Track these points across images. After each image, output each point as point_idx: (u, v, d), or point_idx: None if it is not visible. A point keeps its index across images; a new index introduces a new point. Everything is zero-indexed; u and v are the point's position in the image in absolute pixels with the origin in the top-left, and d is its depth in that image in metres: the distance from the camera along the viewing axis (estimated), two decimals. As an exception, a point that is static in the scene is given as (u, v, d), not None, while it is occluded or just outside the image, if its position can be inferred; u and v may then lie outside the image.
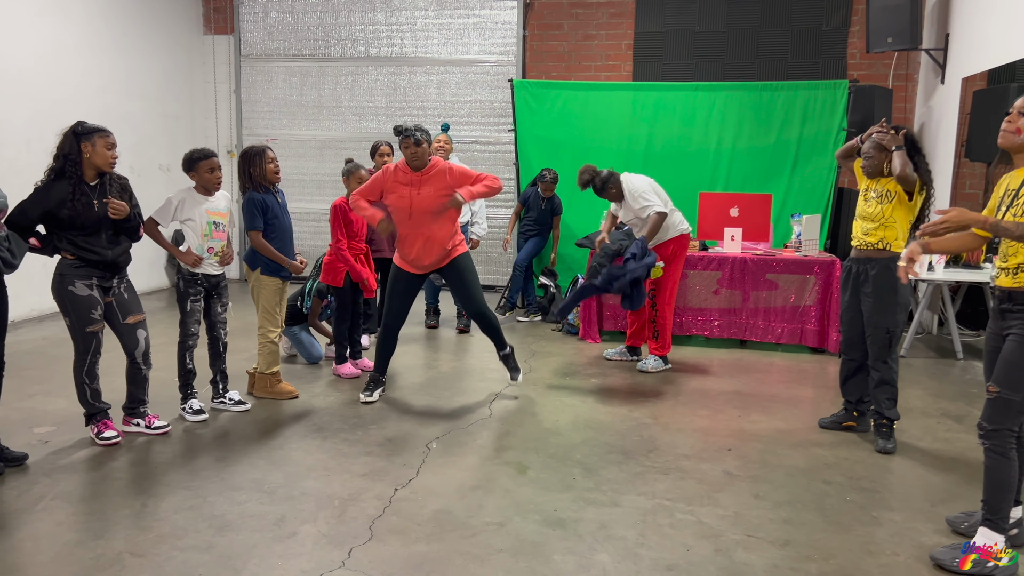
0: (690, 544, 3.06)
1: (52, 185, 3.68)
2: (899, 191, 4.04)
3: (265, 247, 4.62)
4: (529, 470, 3.78)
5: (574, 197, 7.89)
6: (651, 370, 5.67)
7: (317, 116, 9.58)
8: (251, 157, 4.65)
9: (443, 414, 4.62)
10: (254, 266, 4.72)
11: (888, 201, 4.09)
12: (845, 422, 4.45)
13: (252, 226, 4.63)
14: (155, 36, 8.85)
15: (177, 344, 4.42)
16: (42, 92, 7.25)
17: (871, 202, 4.15)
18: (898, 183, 3.98)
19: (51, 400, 4.75)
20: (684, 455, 4.01)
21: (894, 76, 8.23)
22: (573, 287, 7.04)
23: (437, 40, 9.19)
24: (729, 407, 4.86)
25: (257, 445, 4.06)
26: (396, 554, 2.94)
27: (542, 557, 2.94)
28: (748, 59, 8.51)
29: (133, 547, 2.96)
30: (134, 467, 3.75)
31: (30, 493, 3.42)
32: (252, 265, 4.73)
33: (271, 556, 2.91)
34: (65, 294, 3.77)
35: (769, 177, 7.58)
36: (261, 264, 4.70)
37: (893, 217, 4.08)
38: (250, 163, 4.64)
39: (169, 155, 8.98)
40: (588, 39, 8.83)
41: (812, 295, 6.32)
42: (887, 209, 4.09)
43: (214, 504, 3.34)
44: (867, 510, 3.40)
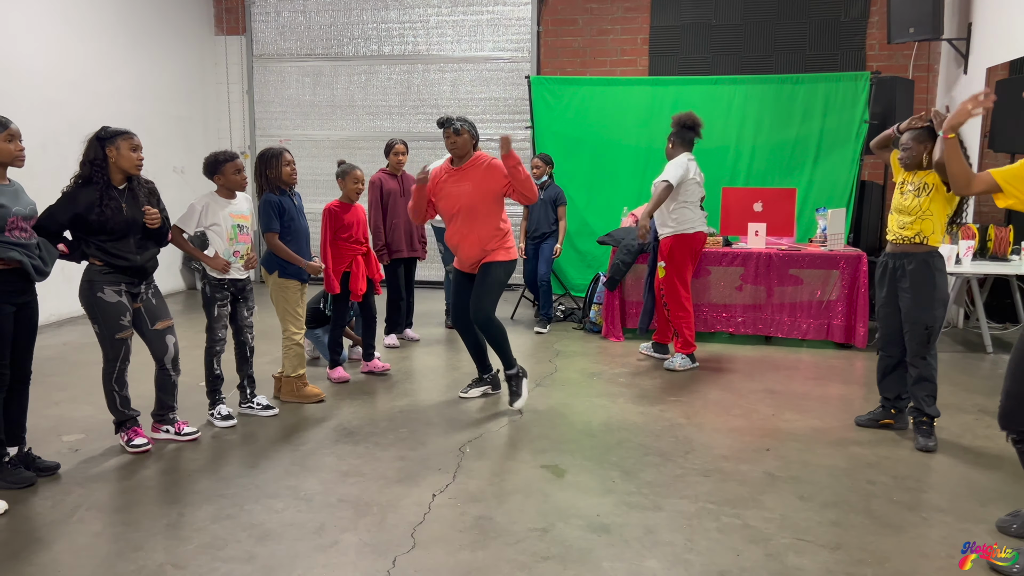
0: (740, 549, 3.00)
1: (79, 190, 3.63)
2: (938, 183, 3.96)
3: (281, 249, 4.57)
4: (567, 473, 3.72)
5: (594, 193, 7.84)
6: (678, 368, 5.61)
7: (330, 116, 9.52)
8: (268, 159, 4.60)
9: (472, 417, 4.57)
10: (271, 269, 4.68)
11: (926, 194, 4.01)
12: (883, 420, 4.38)
13: (268, 228, 4.58)
14: (167, 38, 8.80)
15: (204, 350, 4.37)
16: (56, 96, 7.21)
17: (908, 195, 4.08)
18: (937, 172, 3.90)
19: (77, 407, 4.70)
20: (722, 456, 3.95)
21: (914, 67, 8.13)
22: (595, 285, 6.97)
23: (450, 37, 9.12)
24: (762, 406, 4.79)
25: (289, 451, 4.01)
26: (442, 563, 2.89)
27: (591, 564, 2.88)
28: (765, 52, 8.43)
29: (174, 558, 2.91)
30: (166, 475, 3.71)
31: (64, 503, 3.38)
32: (269, 268, 4.68)
33: (315, 566, 2.86)
34: (94, 301, 3.72)
35: (790, 171, 7.50)
36: (279, 267, 4.66)
37: (931, 210, 4.01)
38: (267, 165, 4.60)
39: (183, 157, 8.93)
40: (603, 34, 8.75)
41: (837, 290, 6.25)
42: (924, 202, 4.01)
43: (251, 512, 3.29)
44: (916, 511, 3.34)
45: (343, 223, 5.11)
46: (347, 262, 5.16)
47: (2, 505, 3.27)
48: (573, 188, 7.88)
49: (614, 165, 7.75)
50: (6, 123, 3.32)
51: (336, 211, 5.12)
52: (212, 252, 4.27)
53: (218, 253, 4.27)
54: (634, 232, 6.59)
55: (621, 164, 7.74)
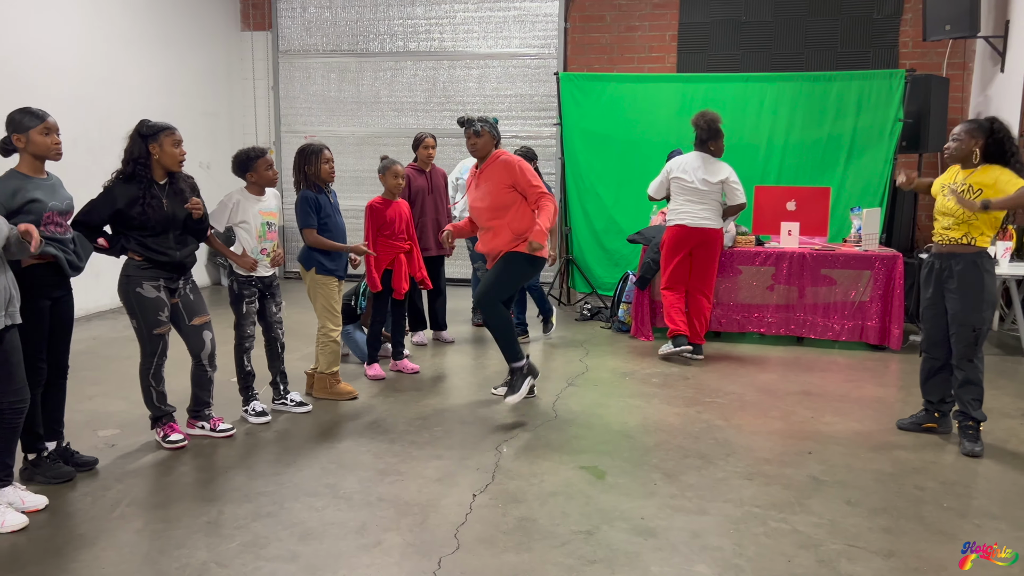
0: (790, 555, 2.94)
1: (121, 186, 3.62)
2: (986, 187, 3.86)
3: (321, 241, 4.54)
4: (607, 475, 3.67)
5: (623, 191, 7.77)
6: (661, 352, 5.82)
7: (356, 112, 9.50)
8: (308, 155, 4.57)
9: (506, 416, 4.52)
10: (309, 266, 4.64)
11: (974, 198, 3.91)
12: (926, 423, 4.30)
13: (306, 224, 4.55)
14: (194, 33, 8.81)
15: (233, 347, 4.34)
16: (86, 90, 7.22)
17: (950, 197, 3.99)
18: None
19: (111, 401, 4.70)
20: (764, 459, 3.88)
21: (948, 65, 8.01)
22: (623, 283, 6.91)
23: (477, 34, 9.07)
24: (800, 408, 4.72)
25: (325, 448, 3.98)
26: (487, 564, 2.85)
27: (639, 568, 2.83)
28: (796, 49, 8.32)
29: (217, 557, 2.89)
30: (203, 472, 3.68)
31: (104, 499, 3.36)
32: (307, 265, 4.64)
33: (360, 566, 2.82)
34: (133, 296, 3.70)
35: (823, 170, 7.39)
36: (316, 263, 4.62)
37: (977, 215, 3.91)
38: (306, 161, 4.57)
39: (208, 153, 8.93)
40: (631, 30, 8.68)
41: (870, 290, 6.15)
42: None
43: (292, 511, 3.26)
44: (968, 518, 3.26)
45: (385, 219, 5.08)
46: (389, 259, 5.12)
47: (42, 500, 3.26)
48: (601, 186, 7.82)
49: (643, 163, 7.66)
50: (43, 116, 3.30)
51: (378, 207, 5.09)
52: (240, 249, 4.24)
53: (246, 250, 4.24)
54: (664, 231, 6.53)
55: (650, 162, 7.63)
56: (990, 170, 3.90)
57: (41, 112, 3.31)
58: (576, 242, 7.97)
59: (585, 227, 7.92)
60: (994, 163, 3.91)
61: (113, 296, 7.42)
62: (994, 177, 3.85)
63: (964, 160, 4.00)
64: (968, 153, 3.95)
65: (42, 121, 3.29)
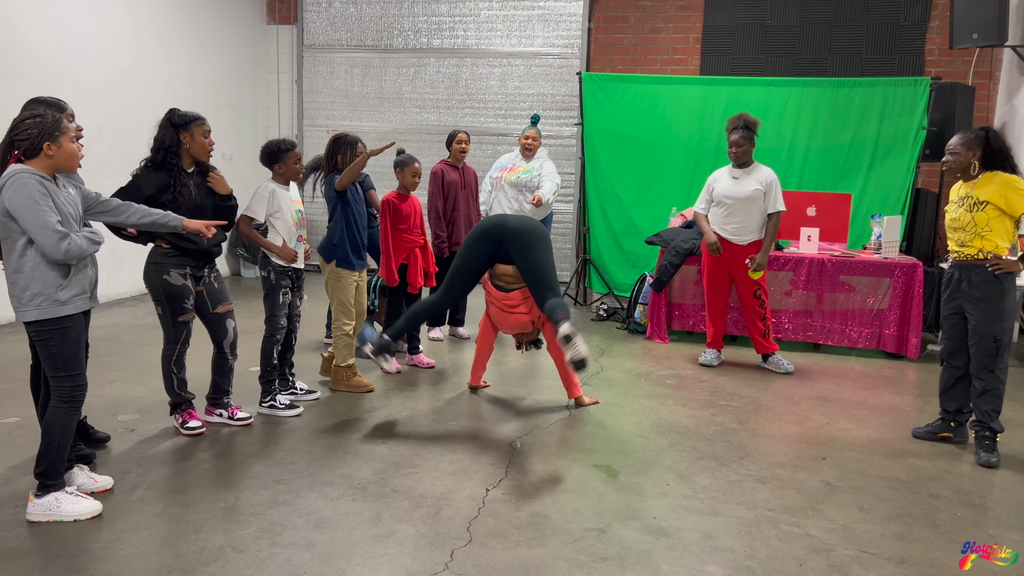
0: (802, 558, 2.94)
1: (150, 174, 3.67)
2: (996, 200, 3.85)
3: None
4: (620, 474, 3.68)
5: (642, 193, 7.76)
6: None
7: (378, 107, 9.54)
8: (343, 145, 4.60)
9: (521, 412, 4.54)
10: (329, 258, 4.67)
11: (980, 210, 3.91)
12: (941, 433, 4.28)
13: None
14: (220, 26, 8.89)
15: (263, 339, 4.37)
16: (112, 81, 7.31)
17: (959, 210, 3.99)
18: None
19: (131, 387, 4.76)
20: (778, 463, 3.88)
21: (975, 73, 7.94)
22: (640, 285, 6.91)
23: (500, 32, 9.09)
24: (815, 413, 4.71)
25: (341, 439, 4.02)
26: (499, 558, 2.87)
27: (650, 567, 2.84)
28: (821, 54, 8.28)
29: (233, 542, 2.93)
30: (221, 458, 3.73)
31: (124, 482, 3.41)
32: (328, 257, 4.68)
33: (373, 555, 2.86)
34: (159, 283, 3.75)
35: (844, 176, 7.35)
36: (337, 256, 4.65)
37: (990, 227, 3.90)
38: (339, 150, 4.60)
39: (231, 144, 9.00)
40: (655, 32, 8.67)
41: (889, 298, 6.12)
42: (981, 218, 3.91)
43: (307, 499, 3.30)
44: (982, 528, 3.25)
45: (401, 214, 5.11)
46: (405, 254, 5.16)
47: (108, 480, 3.36)
48: (621, 187, 7.82)
49: (664, 165, 7.66)
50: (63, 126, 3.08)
51: (394, 202, 5.12)
52: (280, 241, 4.27)
53: (285, 241, 4.27)
54: (684, 234, 6.52)
55: (671, 164, 7.65)
56: (991, 178, 3.93)
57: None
58: (594, 242, 7.97)
59: (604, 227, 7.92)
60: (993, 168, 3.94)
61: (134, 283, 7.54)
62: (997, 185, 3.89)
63: (964, 172, 4.02)
64: (967, 165, 3.97)
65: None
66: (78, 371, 3.10)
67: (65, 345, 3.03)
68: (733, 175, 5.53)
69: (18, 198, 2.86)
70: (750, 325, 5.72)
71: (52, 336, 3.01)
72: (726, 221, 5.54)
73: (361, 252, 4.76)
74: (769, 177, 5.46)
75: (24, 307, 2.98)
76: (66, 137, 2.98)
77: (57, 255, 2.93)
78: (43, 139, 2.93)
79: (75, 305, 3.05)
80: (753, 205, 5.44)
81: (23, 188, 2.87)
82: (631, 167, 7.77)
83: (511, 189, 6.41)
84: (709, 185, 5.68)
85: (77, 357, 3.09)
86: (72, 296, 3.04)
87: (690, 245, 6.36)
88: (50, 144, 2.94)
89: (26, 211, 2.87)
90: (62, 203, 2.98)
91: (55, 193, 2.96)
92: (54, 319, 2.99)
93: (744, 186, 5.44)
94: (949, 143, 4.05)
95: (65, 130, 2.98)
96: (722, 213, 5.56)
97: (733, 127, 5.45)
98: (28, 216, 2.88)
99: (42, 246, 2.92)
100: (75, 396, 3.10)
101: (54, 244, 2.91)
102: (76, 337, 3.07)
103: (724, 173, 5.61)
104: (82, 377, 3.12)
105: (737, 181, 5.48)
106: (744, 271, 5.53)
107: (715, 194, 5.58)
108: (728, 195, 5.49)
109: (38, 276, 2.96)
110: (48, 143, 2.93)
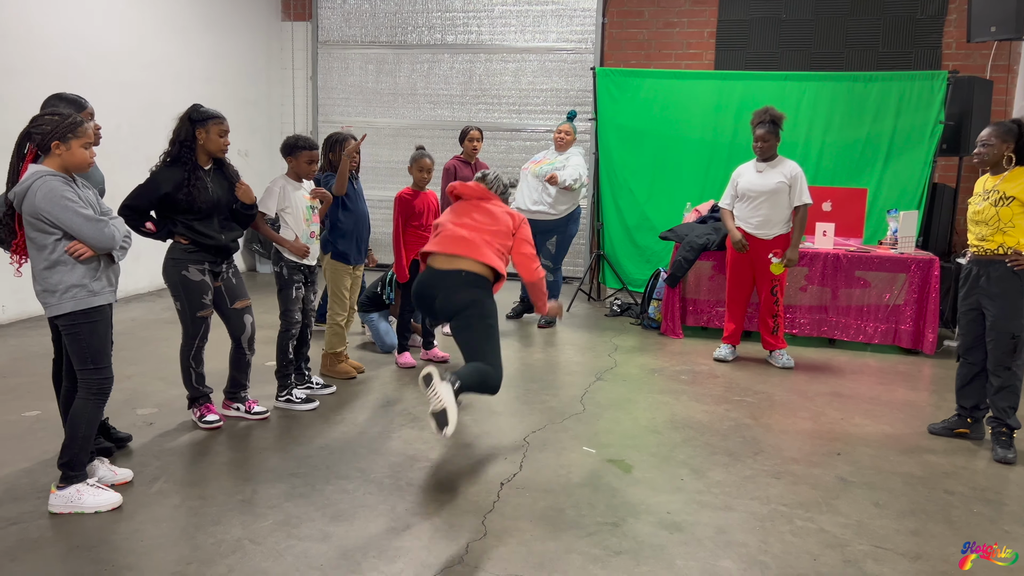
0: (816, 553, 2.94)
1: (167, 170, 3.71)
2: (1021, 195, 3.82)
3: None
4: (634, 469, 3.69)
5: (656, 187, 7.75)
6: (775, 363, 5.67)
7: (392, 104, 9.57)
8: (333, 143, 4.77)
9: (535, 408, 4.56)
10: (325, 250, 4.83)
11: (1005, 204, 3.87)
12: (957, 429, 4.26)
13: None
14: (235, 22, 8.94)
15: (279, 334, 4.40)
16: (130, 77, 7.37)
17: (982, 204, 3.95)
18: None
19: (148, 382, 4.81)
20: (792, 459, 3.88)
21: (992, 67, 7.87)
22: (654, 280, 6.90)
23: (514, 27, 9.09)
24: (829, 409, 4.70)
25: (356, 433, 4.05)
26: (514, 551, 2.89)
27: (664, 561, 2.86)
28: (836, 48, 8.23)
29: (251, 534, 2.96)
30: (238, 452, 3.77)
31: (142, 475, 3.46)
32: (324, 249, 4.81)
33: (389, 549, 2.88)
34: (178, 279, 3.80)
35: (860, 171, 7.31)
36: (331, 248, 4.82)
37: (1013, 222, 3.87)
38: (331, 148, 4.76)
39: (247, 140, 9.07)
40: (669, 26, 8.64)
41: (905, 294, 6.09)
42: (1005, 213, 3.87)
43: (324, 492, 3.33)
44: (998, 524, 3.24)
45: (414, 210, 5.13)
46: (418, 250, 5.17)
47: (128, 473, 3.42)
48: (635, 182, 7.81)
49: (678, 160, 7.64)
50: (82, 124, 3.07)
51: (407, 199, 5.15)
52: (292, 236, 4.31)
53: (297, 237, 4.31)
54: (698, 229, 6.51)
55: (685, 159, 7.63)
56: (1020, 174, 3.89)
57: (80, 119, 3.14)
58: (608, 238, 7.97)
59: (617, 223, 7.92)
60: (1023, 163, 3.91)
61: (151, 279, 7.61)
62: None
63: (995, 166, 3.97)
64: (999, 157, 3.92)
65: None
66: (105, 364, 3.15)
67: (94, 338, 3.09)
68: (758, 169, 5.50)
69: (48, 199, 2.91)
70: (761, 321, 5.71)
71: (82, 329, 3.06)
72: (751, 215, 5.52)
73: (360, 247, 4.90)
74: (794, 170, 5.44)
75: (59, 301, 3.03)
76: (78, 141, 3.00)
77: (104, 241, 3.02)
78: (54, 137, 2.96)
79: (105, 297, 3.12)
80: (778, 198, 5.42)
81: (50, 190, 2.92)
82: (645, 162, 7.76)
83: (534, 180, 6.44)
84: (734, 180, 5.66)
85: (104, 350, 3.14)
86: (103, 288, 3.11)
87: (704, 240, 6.35)
88: (59, 143, 2.97)
89: (61, 210, 2.93)
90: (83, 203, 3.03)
91: (76, 192, 3.01)
92: (85, 311, 3.05)
93: (768, 179, 5.42)
94: (981, 135, 3.99)
95: (81, 135, 3.00)
96: (747, 207, 5.54)
97: (759, 121, 5.41)
98: (64, 215, 2.94)
99: (87, 237, 2.99)
100: (102, 388, 3.15)
101: (99, 231, 3.00)
102: (104, 330, 3.13)
103: (749, 167, 5.59)
104: (109, 370, 3.17)
105: (762, 175, 5.46)
106: (766, 266, 5.52)
107: (739, 188, 5.56)
108: (752, 188, 5.47)
109: (73, 270, 3.02)
110: (57, 142, 2.96)
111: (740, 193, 5.55)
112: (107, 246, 3.05)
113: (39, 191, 2.91)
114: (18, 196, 2.96)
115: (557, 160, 6.43)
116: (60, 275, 3.02)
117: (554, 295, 6.76)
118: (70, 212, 2.94)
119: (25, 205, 2.94)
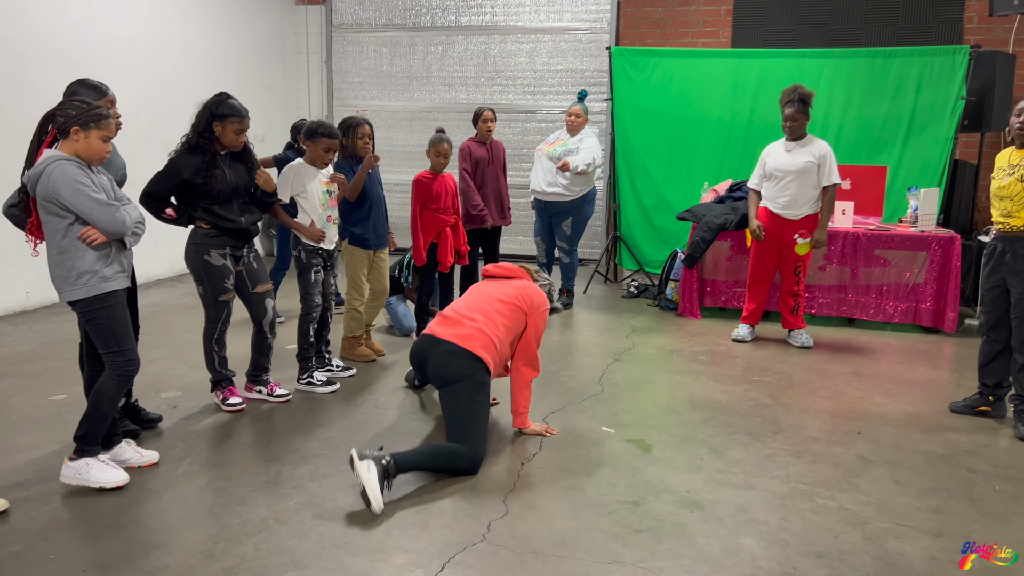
0: (837, 531, 2.95)
1: (185, 157, 3.73)
2: None
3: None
4: (654, 449, 3.71)
5: (673, 168, 7.71)
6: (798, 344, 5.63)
7: (407, 86, 9.56)
8: (345, 128, 4.76)
9: (553, 389, 4.58)
10: (342, 236, 4.82)
11: None
12: (979, 407, 4.24)
13: None
14: (250, 6, 8.94)
15: (299, 318, 4.45)
16: (148, 65, 7.40)
17: (1007, 179, 3.90)
18: None
19: (172, 365, 4.87)
20: (812, 438, 3.88)
21: (1015, 41, 7.74)
22: (672, 261, 6.88)
23: (528, 8, 9.04)
24: (849, 388, 4.68)
25: (377, 416, 4.09)
26: (535, 529, 2.92)
27: (685, 539, 2.87)
28: (855, 24, 8.13)
29: (276, 514, 3.01)
30: (262, 434, 3.82)
31: (168, 456, 3.51)
32: (341, 235, 4.81)
33: (412, 527, 2.92)
34: (200, 263, 3.83)
35: (880, 148, 7.23)
36: (349, 234, 4.81)
37: None
38: (344, 133, 4.75)
39: (262, 125, 9.07)
40: (685, 4, 8.56)
41: (926, 272, 6.04)
42: None
43: (347, 473, 3.36)
44: (1020, 501, 3.23)
45: (431, 194, 5.14)
46: (435, 233, 5.19)
47: (155, 455, 3.47)
48: (652, 162, 7.77)
49: (695, 139, 7.59)
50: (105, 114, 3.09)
51: (425, 182, 5.15)
52: (308, 221, 4.34)
53: (313, 222, 4.34)
54: (716, 209, 6.48)
55: (702, 138, 7.58)
56: None
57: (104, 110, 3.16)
58: (624, 219, 7.94)
59: (634, 203, 7.89)
60: None
61: (172, 264, 7.68)
62: None
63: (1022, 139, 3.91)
64: None
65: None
66: (129, 346, 3.19)
67: (113, 322, 3.13)
68: (786, 148, 5.45)
69: (62, 183, 2.94)
70: (782, 300, 5.69)
71: (99, 314, 3.10)
72: (778, 195, 5.47)
73: (378, 230, 4.89)
74: (823, 150, 5.38)
75: (72, 287, 3.07)
76: (99, 132, 3.03)
77: (115, 226, 3.05)
78: (76, 122, 2.98)
79: (117, 282, 3.14)
80: (806, 178, 5.36)
81: (64, 174, 2.95)
82: (662, 142, 7.72)
83: (548, 161, 6.43)
84: (762, 159, 5.60)
85: (126, 332, 3.18)
86: (115, 273, 3.14)
87: (722, 220, 6.32)
88: (79, 129, 2.99)
89: (74, 194, 2.95)
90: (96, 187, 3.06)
91: (90, 176, 3.04)
92: (99, 296, 3.09)
93: (797, 158, 5.37)
94: (1019, 105, 3.90)
95: (104, 127, 3.03)
96: (774, 186, 5.49)
97: (788, 100, 5.36)
98: (77, 199, 2.97)
99: (99, 222, 3.02)
100: (128, 370, 3.20)
101: (111, 216, 3.02)
102: (121, 312, 3.17)
103: (778, 146, 5.53)
104: (133, 352, 3.22)
105: (790, 154, 5.41)
106: (791, 246, 5.49)
107: (767, 167, 5.51)
108: (780, 167, 5.42)
109: (84, 256, 3.05)
110: (78, 127, 2.99)
111: (768, 172, 5.51)
112: (118, 231, 3.08)
113: (52, 174, 2.95)
114: (32, 179, 2.99)
115: (570, 142, 6.40)
116: (72, 260, 3.05)
117: (570, 277, 6.76)
118: (82, 196, 2.97)
119: (39, 188, 2.98)
